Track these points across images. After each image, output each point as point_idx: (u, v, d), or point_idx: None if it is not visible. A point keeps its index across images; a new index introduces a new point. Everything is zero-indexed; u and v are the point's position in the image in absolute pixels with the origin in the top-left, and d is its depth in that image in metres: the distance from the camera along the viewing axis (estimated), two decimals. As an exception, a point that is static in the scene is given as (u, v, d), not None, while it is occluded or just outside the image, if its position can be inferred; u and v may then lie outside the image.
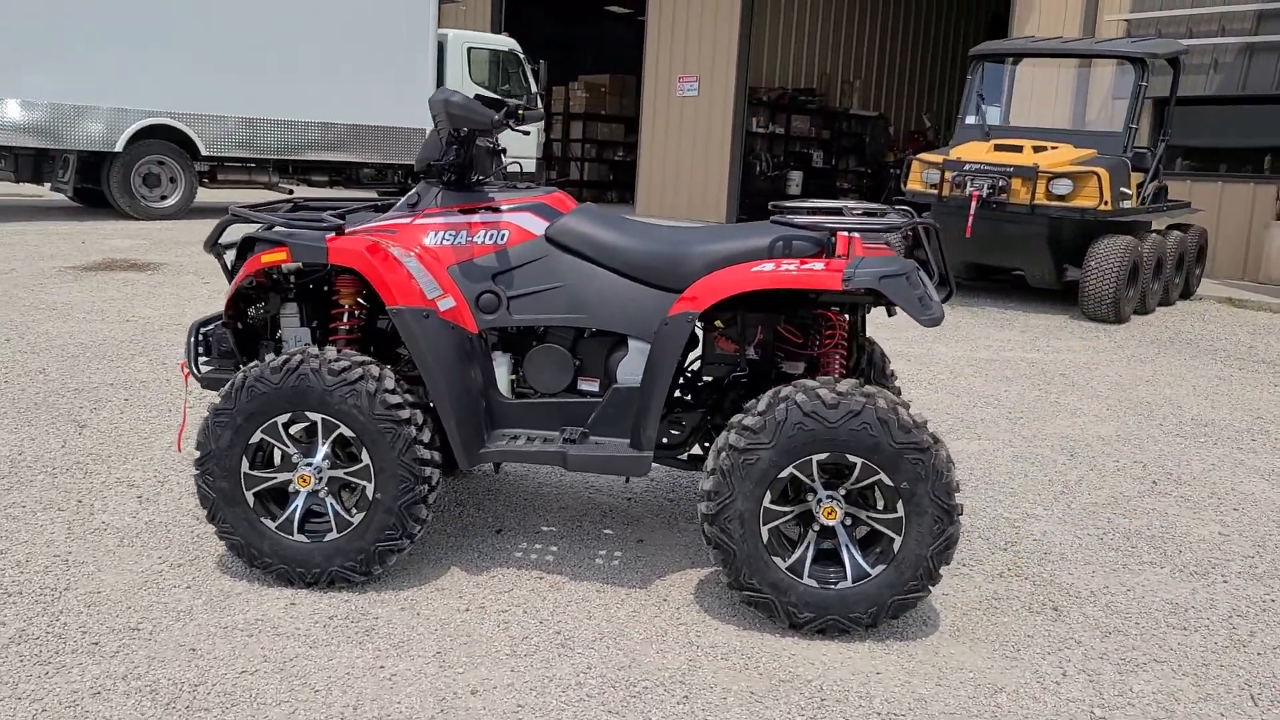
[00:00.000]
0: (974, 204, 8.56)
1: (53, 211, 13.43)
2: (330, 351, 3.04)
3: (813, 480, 2.92)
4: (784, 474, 2.89)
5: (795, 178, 21.17)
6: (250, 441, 3.04)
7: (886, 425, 2.83)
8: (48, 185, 12.86)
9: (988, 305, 9.38)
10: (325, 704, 2.53)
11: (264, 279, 3.33)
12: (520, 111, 3.64)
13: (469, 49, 15.78)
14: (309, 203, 3.59)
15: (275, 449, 3.10)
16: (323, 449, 3.07)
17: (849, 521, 2.98)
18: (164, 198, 13.31)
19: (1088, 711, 2.68)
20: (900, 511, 2.88)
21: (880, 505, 2.93)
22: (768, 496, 2.91)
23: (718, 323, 3.28)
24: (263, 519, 3.09)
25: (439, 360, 3.04)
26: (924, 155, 9.36)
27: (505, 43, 16.39)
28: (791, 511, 2.96)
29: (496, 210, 3.34)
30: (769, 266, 2.96)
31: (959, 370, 6.63)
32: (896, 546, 2.91)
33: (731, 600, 3.16)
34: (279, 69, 13.80)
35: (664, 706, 2.59)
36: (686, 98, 19.91)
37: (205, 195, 14.98)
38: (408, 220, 3.33)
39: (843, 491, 2.94)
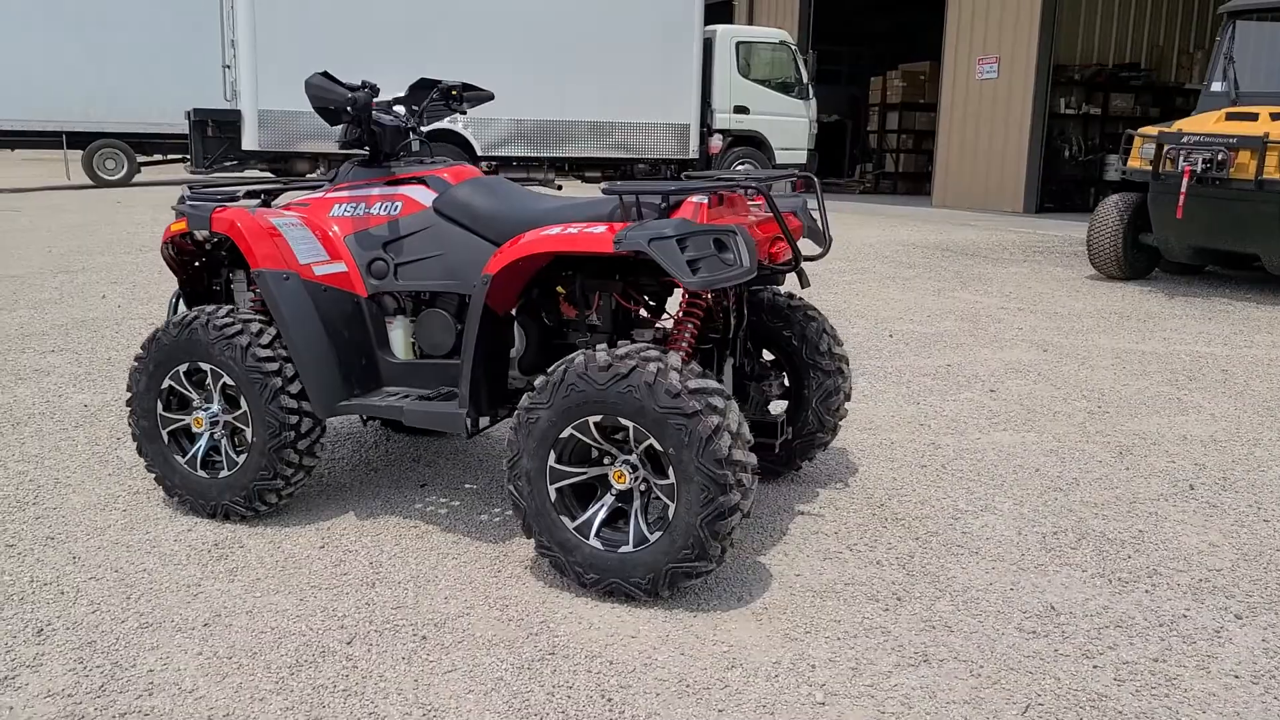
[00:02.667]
0: (1185, 180, 7.62)
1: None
2: (222, 310, 3.45)
3: (598, 442, 2.94)
4: (564, 434, 2.93)
5: (1113, 161, 19.43)
6: (162, 387, 3.52)
7: (652, 389, 2.80)
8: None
9: (1216, 294, 8.29)
10: (124, 607, 2.93)
11: (191, 246, 3.79)
12: (455, 91, 3.88)
13: (738, 43, 16.00)
14: (292, 183, 4.04)
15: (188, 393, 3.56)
16: (216, 395, 3.49)
17: (645, 486, 2.96)
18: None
19: (809, 695, 2.52)
20: (672, 478, 2.84)
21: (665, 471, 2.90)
22: (552, 456, 2.96)
23: (559, 289, 3.34)
24: (175, 455, 3.56)
25: (295, 318, 3.35)
26: (1144, 129, 8.43)
27: (776, 35, 16.45)
28: (583, 473, 2.99)
29: (395, 183, 3.61)
30: (555, 230, 3.00)
31: (1094, 361, 6.00)
32: (671, 513, 2.86)
33: (561, 560, 3.23)
34: (547, 72, 14.77)
35: (394, 644, 2.75)
36: (985, 80, 18.95)
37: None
38: (321, 195, 3.68)
39: (635, 456, 2.93)
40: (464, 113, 3.97)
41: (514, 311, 3.42)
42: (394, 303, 3.61)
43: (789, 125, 16.30)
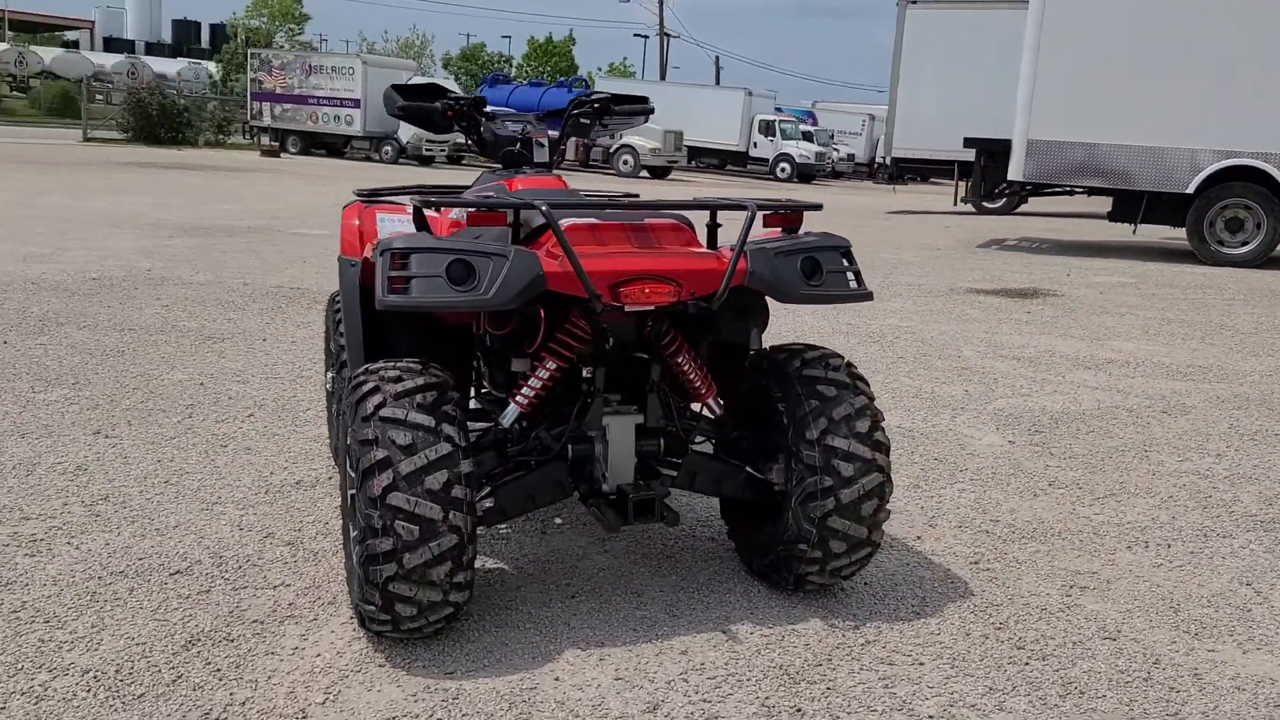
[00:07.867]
0: None
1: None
2: (340, 303, 3.97)
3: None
4: (349, 444, 2.87)
5: None
6: (330, 350, 4.19)
7: (354, 410, 2.61)
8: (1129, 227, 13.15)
9: None
10: (163, 568, 3.18)
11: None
12: (599, 104, 3.79)
13: None
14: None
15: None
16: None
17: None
18: (1244, 244, 12.43)
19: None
20: (366, 511, 2.60)
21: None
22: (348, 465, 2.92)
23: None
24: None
25: (347, 301, 3.67)
26: None
27: None
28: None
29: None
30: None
31: None
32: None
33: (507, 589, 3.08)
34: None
35: (147, 602, 2.88)
36: None
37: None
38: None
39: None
40: (605, 126, 3.83)
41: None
42: None
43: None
